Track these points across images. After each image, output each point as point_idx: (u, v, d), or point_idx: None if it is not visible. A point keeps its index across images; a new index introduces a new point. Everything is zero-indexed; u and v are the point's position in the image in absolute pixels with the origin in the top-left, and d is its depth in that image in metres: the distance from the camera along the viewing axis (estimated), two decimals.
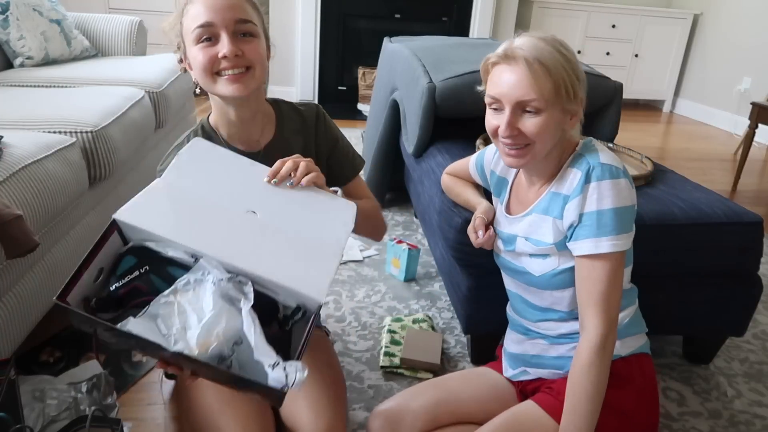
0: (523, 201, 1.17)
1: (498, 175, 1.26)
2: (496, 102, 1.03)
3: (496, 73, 1.03)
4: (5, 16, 2.34)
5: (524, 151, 1.03)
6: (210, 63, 1.01)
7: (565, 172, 1.07)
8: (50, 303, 1.45)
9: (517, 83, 0.99)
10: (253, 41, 1.03)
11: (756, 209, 2.80)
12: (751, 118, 3.11)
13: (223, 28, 1.00)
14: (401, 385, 1.46)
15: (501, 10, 4.55)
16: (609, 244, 0.99)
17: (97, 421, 1.04)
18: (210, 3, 1.00)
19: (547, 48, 0.99)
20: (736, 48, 4.61)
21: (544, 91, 0.98)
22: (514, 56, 0.99)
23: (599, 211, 1.00)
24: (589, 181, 1.01)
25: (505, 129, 1.01)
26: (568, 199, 1.04)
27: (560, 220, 1.06)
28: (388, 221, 2.43)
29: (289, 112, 1.19)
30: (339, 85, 4.49)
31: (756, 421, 1.43)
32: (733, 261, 1.46)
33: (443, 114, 1.91)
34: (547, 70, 0.98)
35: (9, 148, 1.35)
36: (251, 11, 1.04)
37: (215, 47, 1.00)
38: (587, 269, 1.02)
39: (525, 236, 1.12)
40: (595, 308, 1.00)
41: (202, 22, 0.99)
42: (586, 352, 0.99)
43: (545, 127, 1.00)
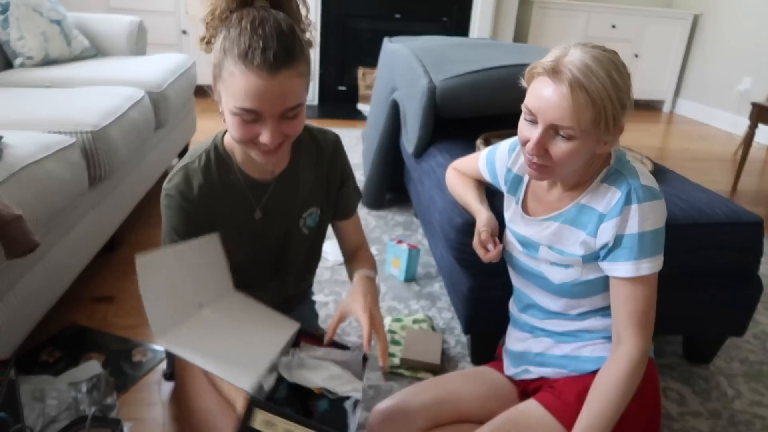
0: (543, 202, 1.14)
1: (515, 173, 1.23)
2: (531, 115, 0.99)
3: (538, 84, 0.98)
4: (5, 16, 2.34)
5: (547, 169, 1.01)
6: (247, 138, 0.94)
7: (599, 188, 1.04)
8: (50, 303, 1.45)
9: (556, 105, 0.94)
10: (297, 120, 0.95)
11: (756, 209, 2.80)
12: (751, 118, 3.11)
13: (269, 115, 0.91)
14: (401, 385, 1.46)
15: (501, 10, 4.55)
16: (649, 266, 1.00)
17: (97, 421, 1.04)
18: (260, 88, 0.88)
19: (599, 72, 0.92)
20: (736, 48, 4.61)
21: (581, 120, 0.93)
22: (561, 73, 0.93)
23: (641, 234, 0.99)
24: (630, 203, 0.99)
25: (532, 147, 0.98)
26: (605, 218, 1.02)
27: (593, 237, 1.04)
28: (387, 221, 2.43)
29: (308, 140, 1.14)
30: (339, 85, 4.49)
31: (756, 421, 1.43)
32: (733, 261, 1.46)
33: (443, 114, 1.91)
34: (591, 100, 0.92)
35: (9, 148, 1.35)
36: (303, 83, 0.94)
37: (255, 126, 0.92)
38: (627, 291, 1.01)
39: (549, 245, 1.10)
40: (637, 327, 1.00)
41: (248, 107, 0.89)
42: (626, 365, 0.99)
43: (574, 153, 0.97)
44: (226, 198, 1.09)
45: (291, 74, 0.90)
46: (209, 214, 1.08)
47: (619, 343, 1.02)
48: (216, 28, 0.94)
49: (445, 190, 1.56)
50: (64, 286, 1.52)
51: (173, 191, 1.05)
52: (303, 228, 1.17)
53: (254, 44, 0.87)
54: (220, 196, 1.08)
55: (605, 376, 1.00)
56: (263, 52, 0.87)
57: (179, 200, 1.05)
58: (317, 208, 1.18)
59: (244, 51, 0.87)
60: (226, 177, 1.08)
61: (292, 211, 1.15)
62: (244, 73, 0.87)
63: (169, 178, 1.07)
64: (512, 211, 1.22)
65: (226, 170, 1.08)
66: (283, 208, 1.13)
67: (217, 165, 1.08)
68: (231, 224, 1.11)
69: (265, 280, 1.21)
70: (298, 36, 0.93)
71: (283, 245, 1.17)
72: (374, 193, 2.50)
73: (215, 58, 0.92)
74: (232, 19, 0.91)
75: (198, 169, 1.06)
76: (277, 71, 0.88)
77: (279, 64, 0.88)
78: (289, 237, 1.16)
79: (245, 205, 1.11)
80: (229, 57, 0.89)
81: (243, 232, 1.12)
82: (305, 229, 1.17)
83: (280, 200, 1.12)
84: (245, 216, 1.11)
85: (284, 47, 0.88)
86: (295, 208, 1.15)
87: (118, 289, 1.78)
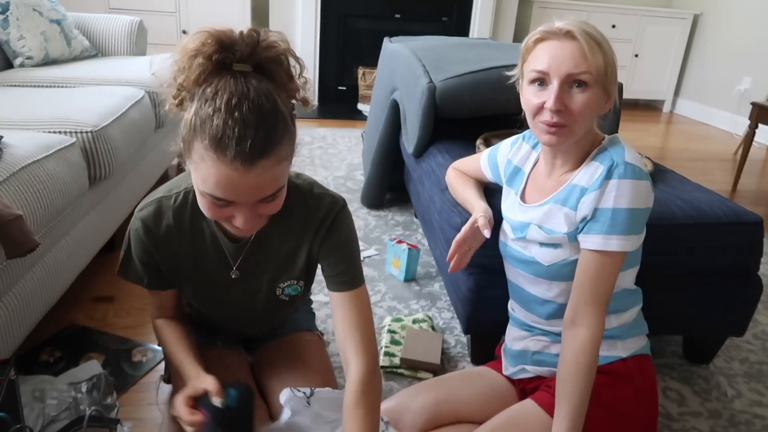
0: (542, 189, 1.16)
1: (515, 164, 1.24)
2: (541, 77, 1.01)
3: (542, 48, 1.02)
4: (5, 16, 2.34)
5: (566, 129, 1.02)
6: (218, 218, 0.87)
7: (588, 165, 1.06)
8: (50, 303, 1.45)
9: (569, 56, 0.98)
10: (278, 200, 0.85)
11: (756, 209, 2.80)
12: (751, 118, 3.11)
13: (244, 204, 0.82)
14: (401, 385, 1.46)
15: (501, 10, 4.55)
16: (618, 243, 1.00)
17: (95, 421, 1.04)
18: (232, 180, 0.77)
19: (594, 27, 1.00)
20: (736, 48, 4.61)
21: (595, 64, 0.98)
22: (565, 30, 0.99)
23: (614, 209, 1.00)
24: (610, 178, 1.01)
25: (554, 102, 0.99)
26: (586, 191, 1.03)
27: (574, 211, 1.05)
28: (387, 221, 2.43)
29: (297, 203, 1.00)
30: (339, 85, 4.49)
31: (756, 421, 1.43)
32: (733, 261, 1.46)
33: (443, 114, 1.91)
34: (599, 45, 0.98)
35: (9, 148, 1.35)
36: (285, 168, 0.83)
37: (228, 210, 0.83)
38: (591, 264, 1.02)
39: (538, 224, 1.12)
40: (598, 306, 1.02)
41: (220, 196, 0.79)
42: (591, 349, 1.00)
43: (590, 104, 1.00)
44: (195, 246, 1.02)
45: (270, 164, 0.78)
46: (173, 255, 1.02)
47: (576, 324, 1.02)
48: (190, 91, 0.81)
49: (445, 190, 1.56)
50: (64, 286, 1.52)
51: (138, 223, 1.00)
52: (282, 296, 1.10)
53: (228, 132, 0.75)
54: (188, 242, 1.01)
55: (568, 360, 1.01)
56: (238, 143, 0.75)
57: (142, 234, 1.00)
58: (297, 281, 1.08)
59: (216, 138, 0.75)
60: (199, 225, 1.00)
61: (267, 276, 1.07)
62: (216, 162, 0.76)
63: (141, 207, 1.00)
64: (510, 202, 1.23)
65: (201, 217, 0.98)
66: (259, 270, 1.06)
67: (192, 209, 0.99)
68: (203, 275, 1.06)
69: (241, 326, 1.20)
70: (282, 113, 0.80)
71: (263, 306, 1.11)
72: (374, 193, 2.50)
73: (184, 130, 0.80)
74: (206, 91, 0.78)
75: (170, 207, 0.99)
76: (252, 164, 0.76)
77: (255, 156, 0.76)
78: (269, 301, 1.10)
79: (221, 261, 1.04)
80: (198, 139, 0.77)
81: (218, 286, 1.07)
82: (285, 297, 1.10)
83: (254, 262, 1.05)
84: (221, 272, 1.05)
85: (263, 135, 0.76)
86: (270, 275, 1.07)
87: (118, 289, 1.78)
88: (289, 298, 1.11)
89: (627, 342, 1.11)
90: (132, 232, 1.02)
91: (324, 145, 3.42)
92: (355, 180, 2.87)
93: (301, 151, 3.28)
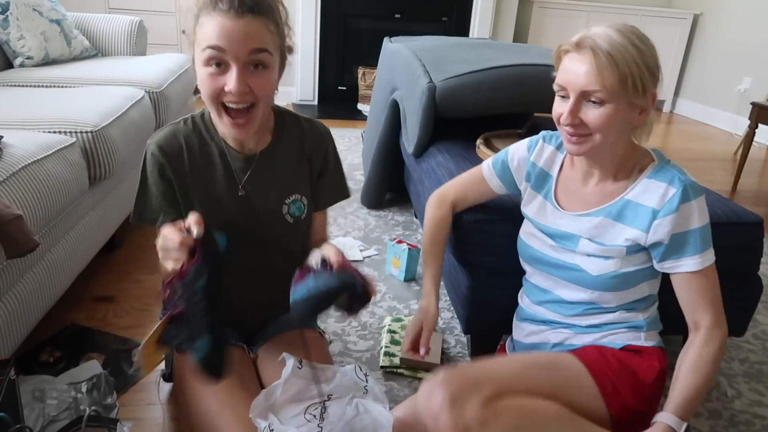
0: (578, 196, 1.15)
1: (540, 167, 1.23)
2: (562, 89, 1.04)
3: (566, 61, 1.04)
4: (5, 16, 2.34)
5: (584, 139, 1.04)
6: (215, 93, 0.98)
7: (647, 183, 1.07)
8: (50, 303, 1.45)
9: (584, 72, 1.00)
10: (264, 74, 0.98)
11: (756, 209, 2.80)
12: (751, 118, 3.11)
13: (235, 59, 0.95)
14: (401, 385, 1.46)
15: (501, 10, 4.55)
16: (711, 256, 1.06)
17: (94, 420, 1.04)
18: (226, 27, 0.93)
19: (620, 39, 0.98)
20: (736, 48, 4.61)
21: (607, 82, 0.98)
22: (584, 45, 1.00)
23: (703, 227, 1.04)
24: (689, 200, 1.03)
25: (566, 117, 1.02)
26: (659, 213, 1.04)
27: (644, 233, 1.06)
28: (387, 221, 2.43)
29: (292, 125, 1.17)
30: (339, 85, 4.49)
31: (756, 421, 1.43)
32: (733, 261, 1.45)
33: (443, 114, 1.91)
34: (614, 62, 0.97)
35: (9, 148, 1.35)
36: (269, 36, 0.98)
37: (222, 77, 0.96)
38: (699, 282, 1.05)
39: (590, 238, 1.11)
40: (718, 311, 1.06)
41: (214, 44, 0.94)
42: (717, 344, 1.04)
43: (607, 118, 1.00)
44: (205, 166, 1.11)
45: (258, 21, 0.94)
46: (185, 175, 1.10)
47: (699, 328, 1.06)
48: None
49: None
50: (64, 286, 1.52)
51: (153, 146, 1.09)
52: (287, 216, 1.16)
53: None
54: (198, 162, 1.10)
55: (696, 356, 1.03)
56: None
57: (157, 152, 1.08)
58: (302, 196, 1.17)
59: (214, 3, 0.93)
60: (208, 144, 1.11)
61: (274, 193, 1.14)
62: (211, 16, 0.93)
63: (153, 135, 1.10)
64: (538, 206, 1.22)
65: (209, 137, 1.11)
66: (265, 188, 1.13)
67: (200, 130, 1.11)
68: (211, 195, 1.11)
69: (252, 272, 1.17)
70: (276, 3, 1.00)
71: (268, 230, 1.16)
72: (374, 193, 2.50)
73: (189, 29, 0.98)
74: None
75: (180, 131, 1.10)
76: (242, 14, 0.93)
77: (245, 9, 0.93)
78: (274, 223, 1.15)
79: (227, 179, 1.11)
80: (201, 15, 0.95)
81: (225, 205, 1.12)
82: (289, 218, 1.16)
83: (261, 179, 1.13)
84: (228, 190, 1.12)
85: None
86: (277, 191, 1.14)
87: (118, 289, 1.78)
88: (294, 220, 1.16)
89: (649, 334, 1.15)
90: (147, 157, 1.10)
91: None
92: (355, 180, 2.88)
93: None
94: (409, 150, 2.05)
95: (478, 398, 0.93)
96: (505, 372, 1.03)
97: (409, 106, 2.05)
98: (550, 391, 1.00)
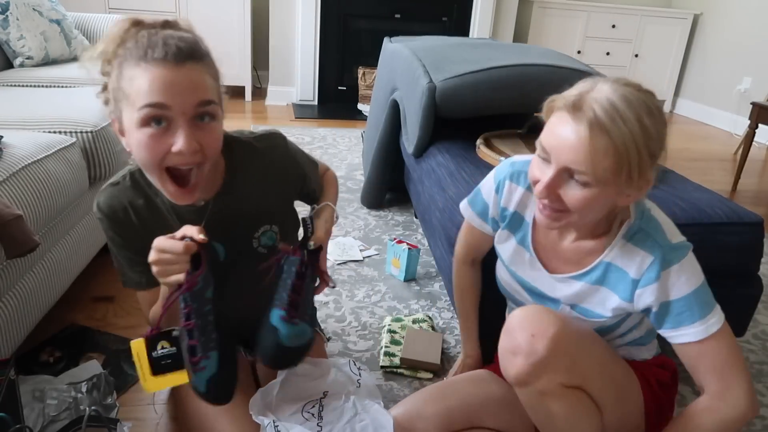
0: (556, 252, 1.04)
1: (511, 210, 1.10)
2: (545, 153, 0.88)
3: (556, 119, 0.87)
4: (5, 16, 2.34)
5: (560, 215, 0.91)
6: (159, 157, 0.84)
7: (625, 247, 0.95)
8: (50, 303, 1.45)
9: (572, 147, 0.83)
10: (213, 127, 0.86)
11: (756, 209, 2.80)
12: (751, 118, 3.11)
13: (181, 113, 0.82)
14: (401, 385, 1.46)
15: (501, 10, 4.55)
16: (716, 319, 0.93)
17: (94, 420, 1.04)
18: (166, 79, 0.80)
19: (627, 114, 0.81)
20: (736, 48, 4.61)
21: (599, 168, 0.82)
22: (582, 111, 0.82)
23: (695, 292, 0.93)
24: (669, 267, 0.92)
25: (542, 190, 0.88)
26: (638, 284, 0.94)
27: (629, 302, 0.97)
28: (387, 221, 2.43)
29: (245, 156, 1.03)
30: (339, 85, 4.49)
31: (756, 421, 1.43)
32: (733, 261, 1.45)
33: (443, 114, 1.91)
34: (613, 145, 0.81)
35: (9, 148, 1.35)
36: (211, 85, 0.86)
37: (166, 137, 0.82)
38: (703, 351, 0.93)
39: (571, 304, 1.04)
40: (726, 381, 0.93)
41: (155, 102, 0.80)
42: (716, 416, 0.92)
43: (589, 203, 0.87)
44: (156, 224, 0.99)
45: (198, 68, 0.83)
46: (140, 238, 0.98)
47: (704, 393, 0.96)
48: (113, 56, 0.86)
49: (446, 188, 1.56)
50: (64, 286, 1.52)
51: (99, 214, 0.99)
52: (259, 248, 1.08)
53: (153, 43, 0.81)
54: (148, 222, 0.99)
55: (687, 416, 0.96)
56: (165, 45, 0.81)
57: (107, 225, 0.99)
58: (271, 225, 1.08)
59: (143, 52, 0.81)
60: (153, 201, 0.99)
61: (237, 235, 1.04)
62: (146, 69, 0.80)
63: (96, 198, 1.00)
64: (513, 251, 1.12)
65: (153, 194, 0.99)
66: (226, 231, 1.01)
67: (143, 187, 0.99)
68: None
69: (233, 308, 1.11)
70: (205, 47, 0.88)
71: (243, 266, 1.05)
72: (374, 193, 2.50)
73: (112, 84, 0.85)
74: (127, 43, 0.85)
75: (121, 191, 0.99)
76: (182, 62, 0.81)
77: (183, 57, 0.81)
78: (247, 259, 1.06)
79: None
80: (126, 67, 0.82)
81: None
82: (262, 249, 1.08)
83: (220, 224, 1.01)
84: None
85: (187, 45, 0.83)
86: (241, 232, 1.05)
87: (118, 289, 1.78)
88: (268, 249, 1.08)
89: (648, 346, 1.13)
90: (104, 232, 1.01)
91: (324, 145, 3.42)
92: (355, 180, 2.88)
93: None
94: (409, 150, 2.05)
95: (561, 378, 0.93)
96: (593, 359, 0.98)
97: (409, 106, 2.05)
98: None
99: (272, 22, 4.24)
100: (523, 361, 0.91)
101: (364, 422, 1.01)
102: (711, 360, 0.93)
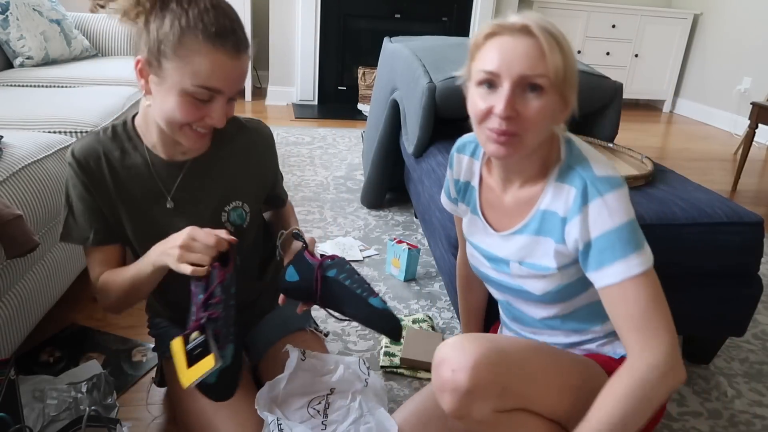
0: (501, 209, 1.05)
1: (462, 180, 1.12)
2: (491, 78, 0.88)
3: (494, 44, 0.89)
4: (5, 16, 2.34)
5: (512, 139, 0.89)
6: (194, 119, 0.93)
7: (556, 188, 0.94)
8: (50, 303, 1.45)
9: (524, 54, 0.85)
10: (234, 104, 0.98)
11: (756, 209, 2.80)
12: (751, 118, 3.11)
13: (225, 96, 0.93)
14: (401, 385, 1.46)
15: (501, 10, 4.55)
16: (639, 260, 0.86)
17: (94, 420, 1.04)
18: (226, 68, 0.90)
19: (553, 24, 0.88)
20: (736, 48, 4.61)
21: (551, 66, 0.85)
22: (521, 25, 0.86)
23: (618, 228, 0.87)
24: (588, 200, 0.89)
25: (503, 108, 0.86)
26: (566, 221, 0.92)
27: (562, 244, 0.94)
28: (387, 221, 2.43)
29: (233, 130, 1.10)
30: (339, 85, 4.49)
31: (756, 421, 1.43)
32: (733, 261, 1.46)
33: (443, 114, 1.91)
34: (559, 43, 0.86)
35: (9, 148, 1.35)
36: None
37: (204, 108, 0.92)
38: (626, 298, 0.86)
39: (519, 260, 1.01)
40: (638, 334, 0.85)
41: (211, 86, 0.90)
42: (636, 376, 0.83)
43: (546, 111, 0.87)
44: (128, 178, 1.04)
45: (246, 58, 0.94)
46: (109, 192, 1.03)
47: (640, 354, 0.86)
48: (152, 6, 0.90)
49: None
50: (64, 286, 1.52)
51: (70, 159, 1.02)
52: (227, 224, 1.10)
53: (224, 24, 0.89)
54: (121, 174, 1.03)
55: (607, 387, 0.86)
56: (233, 33, 0.90)
57: (77, 169, 1.02)
58: (243, 203, 1.11)
59: (214, 32, 0.88)
60: (130, 155, 1.04)
61: (209, 201, 1.08)
62: (213, 52, 0.88)
63: (72, 145, 1.03)
64: (469, 221, 1.12)
65: (132, 148, 1.04)
66: (198, 197, 1.06)
67: (122, 140, 1.04)
68: (138, 208, 1.05)
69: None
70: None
71: None
72: (374, 193, 2.50)
73: (162, 35, 0.89)
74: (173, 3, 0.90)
75: (100, 142, 1.03)
76: (241, 54, 0.91)
77: (243, 47, 0.91)
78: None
79: (153, 191, 1.05)
80: (190, 35, 0.88)
81: (154, 218, 1.06)
82: (229, 226, 1.10)
83: (193, 187, 1.06)
84: (155, 204, 1.05)
85: (243, 32, 0.92)
86: (213, 199, 1.08)
87: None
88: (235, 229, 1.10)
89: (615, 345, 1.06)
90: (68, 172, 1.03)
91: (324, 145, 3.42)
92: (355, 180, 2.88)
93: (301, 151, 3.28)
94: (409, 150, 2.05)
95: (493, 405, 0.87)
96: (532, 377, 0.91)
97: (409, 106, 2.05)
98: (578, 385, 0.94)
99: (272, 21, 4.24)
100: (450, 397, 0.87)
101: (369, 425, 1.01)
102: (630, 309, 0.86)
